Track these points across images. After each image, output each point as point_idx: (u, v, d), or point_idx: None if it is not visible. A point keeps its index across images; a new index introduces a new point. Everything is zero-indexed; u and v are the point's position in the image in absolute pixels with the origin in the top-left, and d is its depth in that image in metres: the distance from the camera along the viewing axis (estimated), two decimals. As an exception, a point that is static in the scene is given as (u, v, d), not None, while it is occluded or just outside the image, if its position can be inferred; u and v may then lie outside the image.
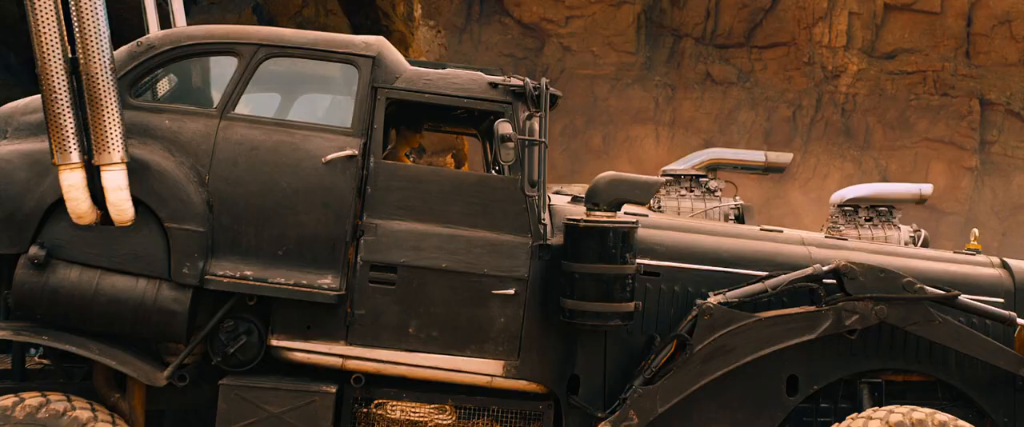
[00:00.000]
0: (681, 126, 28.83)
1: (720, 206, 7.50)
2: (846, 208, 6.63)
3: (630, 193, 4.92)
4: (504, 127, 4.66)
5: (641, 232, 4.91)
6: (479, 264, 4.80)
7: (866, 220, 6.78)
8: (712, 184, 7.99)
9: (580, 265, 4.74)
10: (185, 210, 4.65)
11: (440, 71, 5.00)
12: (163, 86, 5.17)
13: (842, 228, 6.47)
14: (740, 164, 8.28)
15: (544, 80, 4.90)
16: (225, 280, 4.67)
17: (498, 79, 4.97)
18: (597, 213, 4.84)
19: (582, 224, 4.76)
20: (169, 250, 4.64)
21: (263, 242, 4.73)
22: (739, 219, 7.31)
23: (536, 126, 4.82)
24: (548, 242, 4.87)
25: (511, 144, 4.65)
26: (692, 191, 7.99)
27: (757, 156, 8.30)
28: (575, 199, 5.44)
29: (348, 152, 4.77)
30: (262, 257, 4.72)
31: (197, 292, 4.69)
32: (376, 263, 4.78)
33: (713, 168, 8.18)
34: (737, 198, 7.65)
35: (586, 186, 6.63)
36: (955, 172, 27.23)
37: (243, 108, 4.91)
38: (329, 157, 4.75)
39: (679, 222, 5.32)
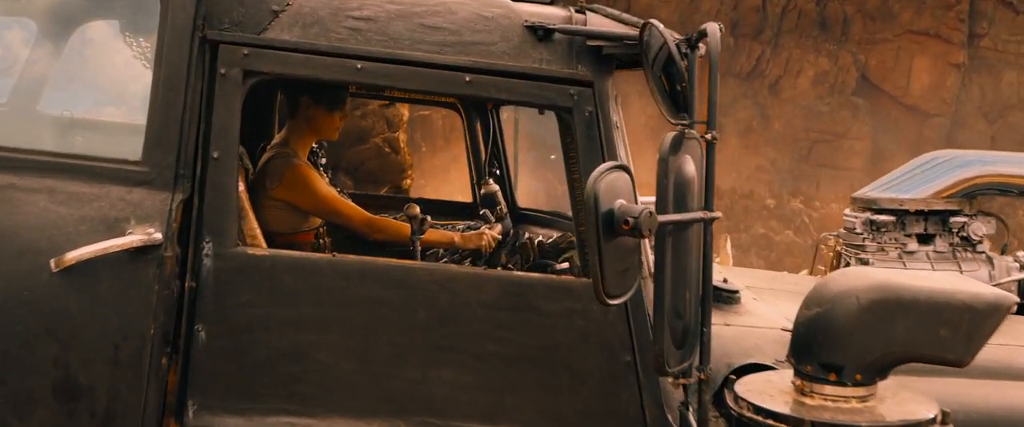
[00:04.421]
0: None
1: (1006, 280, 4.30)
2: None
3: (930, 341, 1.82)
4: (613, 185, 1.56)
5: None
6: None
7: None
8: (976, 229, 4.63)
9: None
10: None
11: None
12: None
13: None
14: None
15: (715, 26, 1.75)
16: None
17: (556, 15, 1.85)
18: (830, 389, 1.79)
19: (804, 433, 1.73)
20: None
21: None
22: (1023, 293, 4.16)
23: (690, 163, 1.65)
24: None
25: (632, 220, 1.57)
26: (931, 241, 4.61)
27: None
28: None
29: (134, 239, 1.64)
30: None
31: None
32: None
33: (971, 194, 4.68)
34: (1017, 254, 4.38)
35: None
36: (940, 69, 24.82)
37: None
38: (74, 255, 1.62)
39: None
